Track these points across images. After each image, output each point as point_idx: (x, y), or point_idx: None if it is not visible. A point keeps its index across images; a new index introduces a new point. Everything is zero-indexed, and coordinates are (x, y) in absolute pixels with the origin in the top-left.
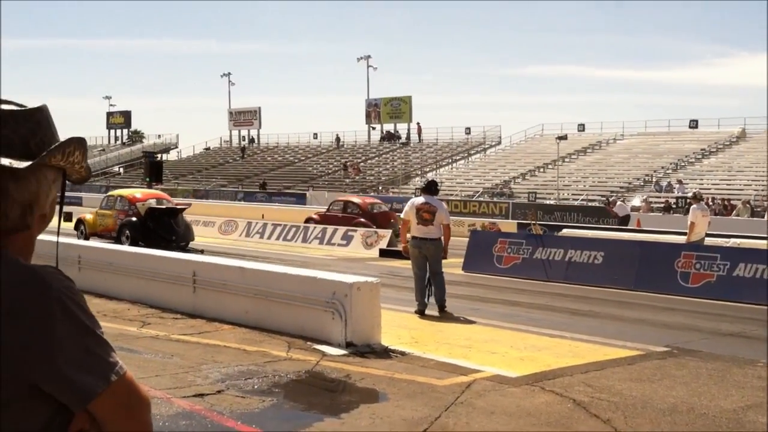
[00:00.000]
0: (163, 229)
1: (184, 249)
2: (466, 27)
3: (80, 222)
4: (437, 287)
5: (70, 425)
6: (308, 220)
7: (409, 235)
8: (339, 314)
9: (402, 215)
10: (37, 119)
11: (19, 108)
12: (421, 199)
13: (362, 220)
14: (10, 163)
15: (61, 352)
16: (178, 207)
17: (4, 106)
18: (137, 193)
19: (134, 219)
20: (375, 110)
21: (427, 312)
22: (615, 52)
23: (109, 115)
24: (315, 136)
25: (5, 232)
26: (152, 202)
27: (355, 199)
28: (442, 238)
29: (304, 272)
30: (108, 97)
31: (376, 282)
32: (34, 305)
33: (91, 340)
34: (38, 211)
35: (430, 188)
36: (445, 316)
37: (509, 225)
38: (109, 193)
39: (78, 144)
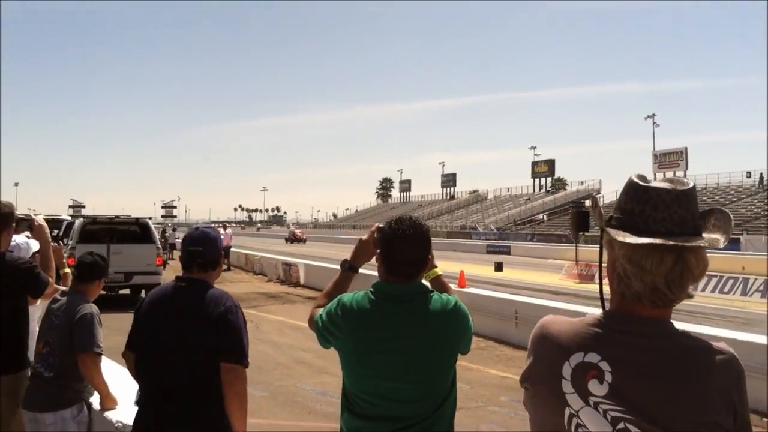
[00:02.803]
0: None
1: None
2: None
3: None
4: None
5: None
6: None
7: None
8: None
9: None
10: (695, 196)
11: (686, 188)
12: None
13: None
14: (711, 241)
15: None
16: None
17: (665, 185)
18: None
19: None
20: None
21: None
22: None
23: (534, 164)
24: (748, 174)
25: (673, 303)
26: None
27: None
28: None
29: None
30: (533, 147)
31: None
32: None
33: None
34: (699, 279)
35: None
36: None
37: None
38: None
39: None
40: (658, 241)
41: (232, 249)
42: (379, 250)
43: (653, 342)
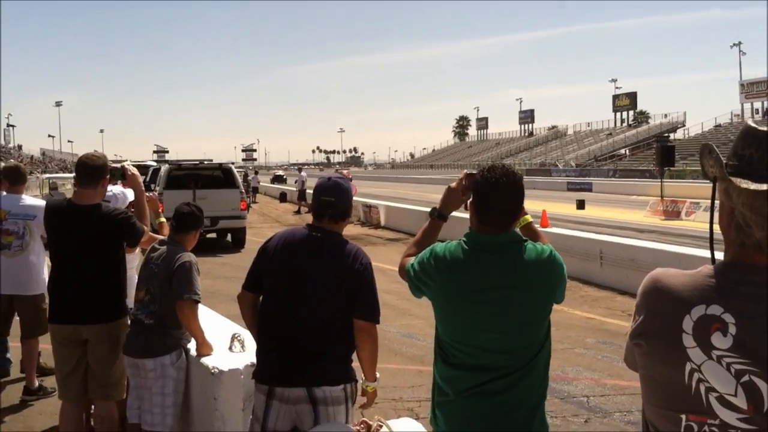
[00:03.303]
0: None
1: None
2: None
3: None
4: None
5: None
6: None
7: None
8: None
9: None
10: None
11: None
12: None
13: None
14: None
15: None
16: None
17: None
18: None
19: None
20: None
21: None
22: None
23: (615, 98)
24: None
25: None
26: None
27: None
28: None
29: None
30: (614, 80)
31: None
32: None
33: None
34: None
35: None
36: None
37: None
38: None
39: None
40: None
41: (307, 191)
42: (470, 200)
43: None
